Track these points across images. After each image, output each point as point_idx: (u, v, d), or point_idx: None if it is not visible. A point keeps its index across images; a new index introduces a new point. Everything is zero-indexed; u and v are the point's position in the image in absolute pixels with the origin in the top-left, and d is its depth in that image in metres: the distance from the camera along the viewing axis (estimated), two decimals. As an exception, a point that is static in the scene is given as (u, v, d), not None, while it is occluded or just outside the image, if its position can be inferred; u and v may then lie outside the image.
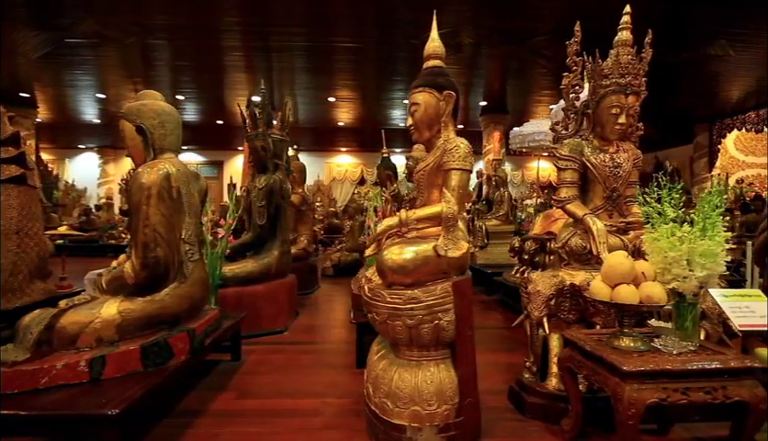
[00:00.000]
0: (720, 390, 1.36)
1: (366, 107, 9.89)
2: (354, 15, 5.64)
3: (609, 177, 2.25)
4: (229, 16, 5.72)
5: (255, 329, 3.10)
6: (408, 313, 1.55)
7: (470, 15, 5.60)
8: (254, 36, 6.37)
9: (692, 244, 1.44)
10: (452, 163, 1.65)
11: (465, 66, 7.47)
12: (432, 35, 1.89)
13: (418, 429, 1.56)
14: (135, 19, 5.30)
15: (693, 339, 1.51)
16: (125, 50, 6.53)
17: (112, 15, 5.09)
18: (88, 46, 6.23)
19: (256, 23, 5.93)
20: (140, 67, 7.52)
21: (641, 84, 2.23)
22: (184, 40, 6.39)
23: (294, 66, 7.69)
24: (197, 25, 5.79)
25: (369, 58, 7.14)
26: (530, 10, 5.41)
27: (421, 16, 5.53)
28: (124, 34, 5.50)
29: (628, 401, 1.32)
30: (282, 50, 6.91)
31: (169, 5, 5.23)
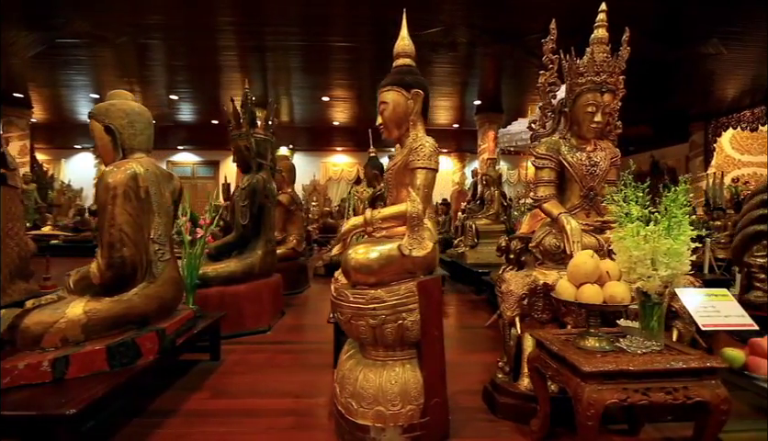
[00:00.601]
0: (681, 390, 1.35)
1: (361, 106, 9.89)
2: (348, 14, 5.64)
3: (586, 176, 2.24)
4: (223, 15, 5.72)
5: (238, 329, 3.10)
6: (371, 313, 1.55)
7: (464, 14, 5.59)
8: (248, 35, 6.37)
9: (655, 243, 1.43)
10: (417, 162, 1.64)
11: (460, 65, 7.45)
12: (401, 33, 1.88)
13: (382, 429, 1.55)
14: (125, 19, 5.31)
15: (658, 339, 1.50)
16: (118, 50, 6.55)
17: (101, 14, 5.09)
18: (81, 46, 6.25)
19: (251, 23, 5.92)
20: (134, 67, 7.53)
21: (617, 82, 2.22)
22: (177, 40, 6.40)
23: (289, 66, 7.69)
24: (191, 24, 5.79)
25: (364, 57, 7.13)
26: (524, 9, 5.39)
27: (415, 16, 5.52)
28: (115, 34, 5.51)
29: (587, 402, 1.31)
30: (277, 49, 6.91)
31: (161, 5, 5.24)
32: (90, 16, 5.10)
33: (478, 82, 8.28)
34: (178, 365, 2.45)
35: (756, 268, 2.11)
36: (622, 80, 2.35)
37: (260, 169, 3.35)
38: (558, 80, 2.28)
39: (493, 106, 8.95)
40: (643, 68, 7.17)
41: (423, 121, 1.83)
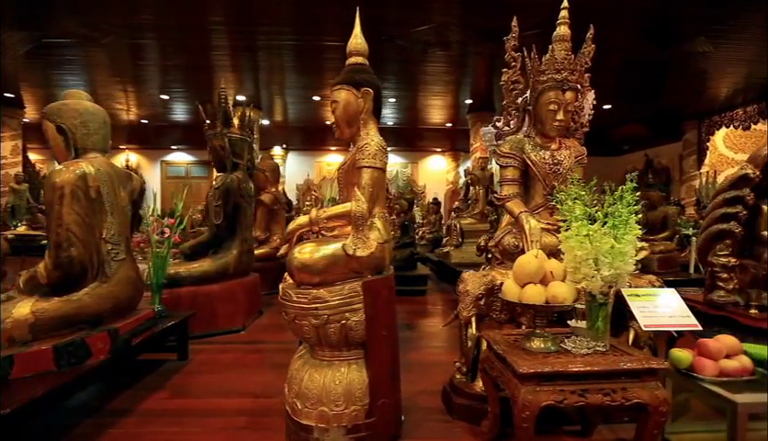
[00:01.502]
0: (620, 391, 1.33)
1: (355, 105, 9.85)
2: (340, 14, 5.62)
3: (549, 174, 2.22)
4: (215, 15, 5.71)
5: (211, 328, 3.10)
6: (313, 313, 1.54)
7: (457, 13, 5.56)
8: (240, 35, 6.36)
9: (597, 243, 1.41)
10: (362, 161, 1.62)
11: (452, 64, 7.42)
12: (354, 31, 1.87)
13: (325, 430, 1.54)
14: (111, 19, 5.31)
15: (603, 339, 1.48)
16: (110, 50, 6.55)
17: (87, 14, 5.10)
18: (71, 46, 6.25)
19: (242, 22, 5.91)
20: (126, 67, 7.54)
21: (580, 80, 2.20)
22: (168, 40, 6.40)
23: (282, 65, 7.67)
24: (183, 24, 5.79)
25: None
26: (516, 8, 5.36)
27: (409, 16, 5.51)
28: (101, 33, 5.52)
29: (522, 404, 1.30)
30: (269, 48, 6.89)
31: (148, 4, 5.24)
32: (76, 16, 5.11)
33: (470, 81, 8.24)
34: (143, 364, 2.45)
35: (719, 268, 2.08)
36: (587, 78, 2.34)
37: (235, 169, 3.34)
38: (521, 78, 2.26)
39: (485, 105, 8.91)
40: (636, 67, 7.13)
41: (376, 120, 1.82)
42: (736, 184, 2.06)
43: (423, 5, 5.46)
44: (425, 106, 9.79)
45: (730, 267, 2.05)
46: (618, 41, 6.24)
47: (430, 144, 11.71)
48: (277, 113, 10.44)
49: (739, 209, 2.02)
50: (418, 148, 11.14)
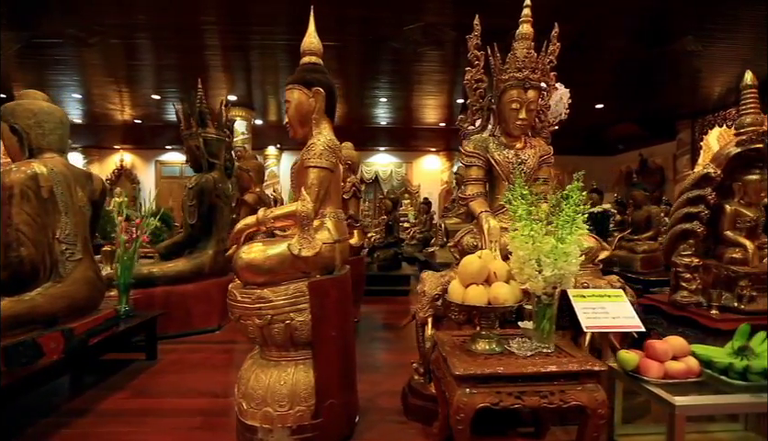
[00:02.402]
0: (558, 394, 1.32)
1: (348, 105, 9.85)
2: (334, 14, 5.61)
3: (512, 174, 2.20)
4: (206, 15, 5.71)
5: (186, 328, 3.10)
6: (257, 313, 1.53)
7: (450, 12, 5.53)
8: (233, 35, 6.35)
9: (538, 243, 1.39)
10: (308, 161, 1.62)
11: (444, 64, 7.40)
12: (308, 31, 1.86)
13: (269, 430, 1.54)
14: (98, 19, 5.33)
15: (548, 341, 1.47)
16: (101, 50, 6.57)
17: (73, 14, 5.11)
18: (62, 46, 6.28)
19: (236, 22, 5.91)
20: (118, 67, 7.56)
21: (543, 78, 2.18)
22: (160, 40, 6.40)
23: (277, 65, 7.65)
24: (175, 24, 5.78)
25: (350, 57, 7.09)
26: (507, 7, 5.33)
27: (401, 16, 5.49)
28: (88, 34, 5.54)
29: (457, 406, 1.28)
30: (263, 48, 6.88)
31: (136, 5, 5.25)
32: (62, 16, 5.13)
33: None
34: (110, 364, 2.46)
35: (682, 268, 2.05)
36: (553, 77, 2.32)
37: (212, 168, 3.34)
38: (484, 77, 2.25)
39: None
40: (629, 66, 7.09)
41: (329, 120, 1.81)
42: (698, 183, 2.03)
43: (415, 5, 5.46)
44: (419, 105, 9.77)
45: (693, 267, 2.03)
46: (611, 40, 6.21)
47: (424, 144, 11.67)
48: (272, 113, 10.45)
49: (701, 208, 2.00)
50: (412, 148, 11.12)
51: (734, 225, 2.01)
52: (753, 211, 1.99)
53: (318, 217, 1.74)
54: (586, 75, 7.64)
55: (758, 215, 1.99)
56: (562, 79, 9.28)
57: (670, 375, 1.44)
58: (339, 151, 1.77)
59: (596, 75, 7.59)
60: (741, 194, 1.99)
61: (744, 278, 1.89)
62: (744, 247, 1.93)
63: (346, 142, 3.28)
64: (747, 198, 1.99)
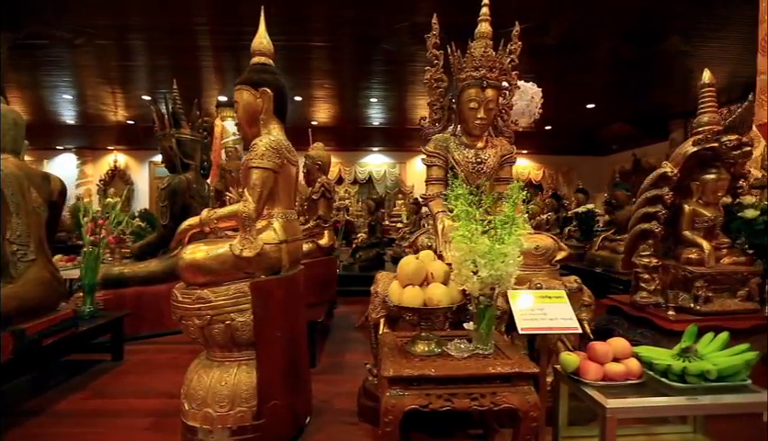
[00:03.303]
0: (489, 396, 1.30)
1: (342, 106, 9.85)
2: (327, 15, 5.60)
3: (472, 174, 2.20)
4: (198, 16, 5.71)
5: (159, 328, 3.10)
6: (196, 313, 1.53)
7: (439, 12, 5.52)
8: (225, 36, 6.35)
9: (473, 244, 1.38)
10: (250, 162, 1.61)
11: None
12: (259, 31, 1.85)
13: (209, 431, 1.53)
14: (85, 20, 5.35)
15: (487, 342, 1.45)
16: (94, 51, 6.59)
17: (58, 15, 5.13)
18: (48, 47, 6.30)
19: (227, 23, 5.91)
20: (110, 68, 7.58)
21: (502, 77, 2.17)
22: (149, 41, 6.41)
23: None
24: (166, 25, 5.79)
25: (344, 57, 7.07)
26: (495, 6, 5.31)
27: (395, 17, 5.48)
28: (73, 35, 5.56)
29: (385, 407, 1.27)
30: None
31: (122, 6, 5.26)
32: (46, 17, 5.15)
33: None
34: (75, 365, 2.46)
35: (641, 268, 2.03)
36: (515, 76, 2.30)
37: (186, 169, 3.35)
38: (444, 76, 2.24)
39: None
40: (620, 66, 7.06)
41: (278, 120, 1.80)
42: (656, 183, 2.02)
43: (409, 5, 5.44)
44: (412, 105, 9.75)
45: (652, 268, 2.01)
46: (602, 40, 6.18)
47: (418, 144, 11.66)
48: (265, 114, 10.47)
49: (659, 208, 1.98)
50: (406, 148, 11.09)
51: (692, 225, 1.99)
52: (711, 211, 1.96)
53: (265, 217, 1.73)
54: (578, 75, 7.61)
55: (716, 215, 1.96)
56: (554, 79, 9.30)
57: (609, 377, 1.42)
58: (288, 151, 1.77)
59: (588, 75, 7.56)
60: (700, 194, 1.97)
61: (700, 279, 1.87)
62: (701, 247, 1.90)
63: (317, 143, 3.27)
64: (705, 198, 1.97)
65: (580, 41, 6.26)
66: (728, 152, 1.86)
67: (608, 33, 6.10)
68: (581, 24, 5.74)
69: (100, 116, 9.40)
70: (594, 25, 5.78)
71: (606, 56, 6.75)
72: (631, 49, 6.35)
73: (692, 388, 1.36)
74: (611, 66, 7.17)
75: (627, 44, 6.26)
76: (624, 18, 5.65)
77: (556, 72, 7.50)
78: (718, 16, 5.34)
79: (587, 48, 6.41)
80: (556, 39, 6.06)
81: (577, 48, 6.40)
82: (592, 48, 6.38)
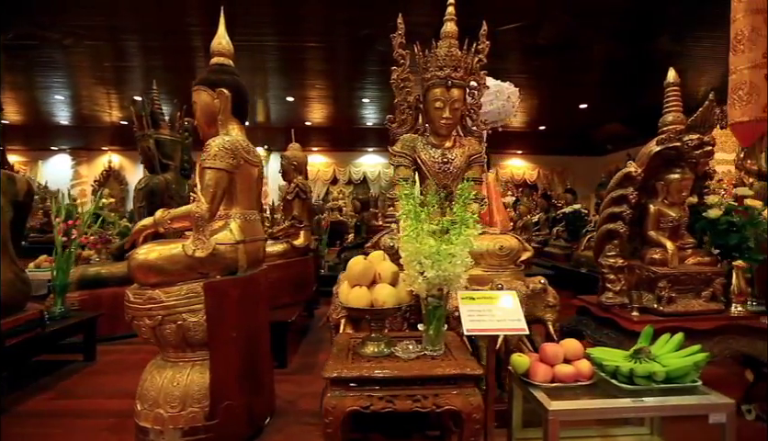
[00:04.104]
0: (432, 398, 1.29)
1: (337, 106, 9.85)
2: (321, 15, 5.59)
3: (439, 174, 2.19)
4: (190, 17, 5.71)
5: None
6: (147, 313, 1.53)
7: (427, 12, 5.50)
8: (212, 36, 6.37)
9: (418, 244, 1.37)
10: (203, 162, 1.61)
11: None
12: (218, 32, 1.86)
13: (160, 432, 1.53)
14: (72, 21, 5.36)
15: (437, 343, 1.44)
16: (89, 52, 6.61)
17: (43, 15, 5.14)
18: (40, 48, 6.32)
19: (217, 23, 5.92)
20: (104, 68, 7.60)
21: (467, 77, 2.15)
22: (144, 42, 6.42)
23: (265, 66, 7.65)
24: (159, 26, 5.80)
25: (339, 57, 7.07)
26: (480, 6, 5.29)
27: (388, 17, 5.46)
28: (61, 35, 5.58)
29: (326, 408, 1.27)
30: (251, 50, 6.88)
31: (109, 6, 5.27)
32: (33, 18, 5.17)
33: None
34: (46, 365, 2.47)
35: (606, 269, 2.02)
36: (483, 75, 2.29)
37: (165, 170, 3.35)
38: (410, 76, 2.23)
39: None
40: (612, 66, 7.04)
41: (237, 121, 1.80)
42: (621, 183, 2.00)
43: (402, 5, 5.43)
44: (404, 106, 9.76)
45: (618, 268, 2.00)
46: (594, 40, 6.17)
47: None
48: (260, 114, 10.48)
49: (624, 208, 1.96)
50: (402, 148, 11.12)
51: (657, 225, 1.97)
52: (676, 211, 1.95)
53: (222, 217, 1.73)
54: (573, 76, 7.59)
55: (680, 215, 1.95)
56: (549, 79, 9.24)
57: (558, 378, 1.41)
58: (247, 152, 1.76)
59: (582, 76, 7.54)
60: (665, 193, 1.95)
61: (663, 279, 1.85)
62: (665, 248, 1.89)
63: (293, 143, 3.27)
64: (670, 198, 1.95)
65: (573, 41, 6.26)
66: (690, 151, 1.84)
67: (601, 33, 6.09)
68: (574, 24, 5.74)
69: (95, 117, 9.43)
70: (588, 25, 5.77)
71: (600, 56, 6.73)
72: (624, 49, 6.34)
73: (640, 389, 1.35)
74: (605, 66, 7.14)
75: (621, 44, 6.25)
76: (617, 18, 5.64)
77: (550, 72, 7.49)
78: (712, 15, 5.32)
79: (580, 48, 6.40)
80: (549, 39, 6.06)
81: (570, 48, 6.39)
82: (586, 48, 6.37)
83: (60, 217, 2.56)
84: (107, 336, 2.86)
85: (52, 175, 9.24)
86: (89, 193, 9.27)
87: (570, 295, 2.74)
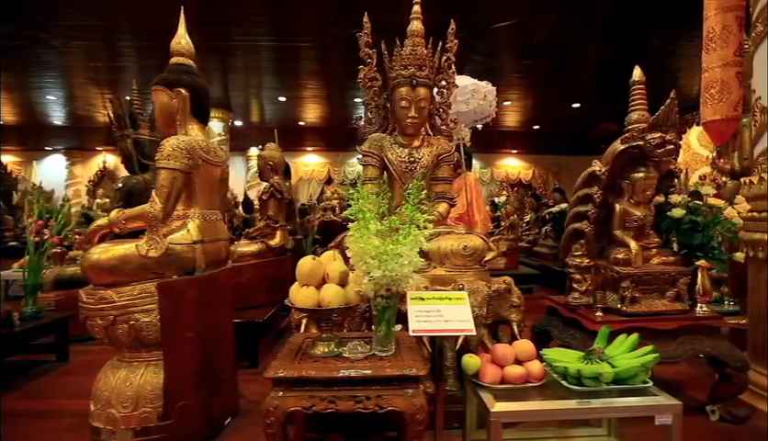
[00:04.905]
0: (374, 398, 1.28)
1: (331, 106, 9.85)
2: (315, 15, 5.59)
3: (405, 173, 2.18)
4: (186, 15, 5.70)
5: (113, 329, 3.11)
6: (99, 313, 1.53)
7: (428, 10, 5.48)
8: (212, 36, 6.35)
9: (362, 244, 1.36)
10: (158, 162, 1.61)
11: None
12: (178, 32, 1.85)
13: (112, 432, 1.53)
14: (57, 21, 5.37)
15: (386, 344, 1.43)
16: (82, 52, 6.63)
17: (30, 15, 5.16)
18: (43, 47, 6.33)
19: (215, 24, 5.91)
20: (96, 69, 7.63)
21: (432, 75, 2.14)
22: (137, 43, 6.43)
23: (258, 66, 7.65)
24: (150, 26, 5.79)
25: (332, 57, 7.06)
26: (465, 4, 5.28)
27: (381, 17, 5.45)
28: (49, 36, 5.60)
29: (266, 409, 1.26)
30: (246, 50, 6.89)
31: (97, 6, 5.28)
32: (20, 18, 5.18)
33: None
34: (18, 365, 2.47)
35: (572, 268, 2.00)
36: (452, 74, 2.28)
37: (145, 170, 3.35)
38: (378, 75, 2.22)
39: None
40: (605, 65, 7.02)
41: (196, 121, 1.79)
42: (587, 182, 1.99)
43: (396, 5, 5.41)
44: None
45: (584, 268, 1.98)
46: (586, 40, 6.16)
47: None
48: (254, 114, 10.49)
49: (589, 207, 1.95)
50: (397, 148, 11.12)
51: (623, 224, 1.95)
52: (641, 210, 1.93)
53: (180, 217, 1.73)
54: (566, 75, 7.56)
55: (646, 214, 1.93)
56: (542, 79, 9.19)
57: (507, 380, 1.40)
58: (206, 152, 1.75)
59: (575, 75, 7.52)
60: (630, 192, 1.93)
61: (626, 279, 1.83)
62: (629, 247, 1.87)
63: (270, 143, 3.27)
64: (636, 197, 1.93)
65: (566, 41, 6.24)
66: (652, 150, 1.83)
67: (594, 33, 6.07)
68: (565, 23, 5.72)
69: (89, 117, 9.46)
70: (580, 25, 5.75)
71: (592, 55, 6.71)
72: (617, 48, 6.32)
73: (589, 391, 1.34)
74: (597, 66, 7.12)
75: (614, 43, 6.23)
76: (609, 18, 5.62)
77: (543, 71, 7.46)
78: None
79: (573, 47, 6.38)
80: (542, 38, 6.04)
81: (563, 47, 6.38)
82: (578, 47, 6.35)
83: (33, 217, 2.56)
84: (81, 336, 2.85)
85: (47, 175, 9.27)
86: (84, 193, 9.29)
87: (557, 294, 2.72)
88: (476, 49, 6.53)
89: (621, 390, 1.36)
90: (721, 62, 2.27)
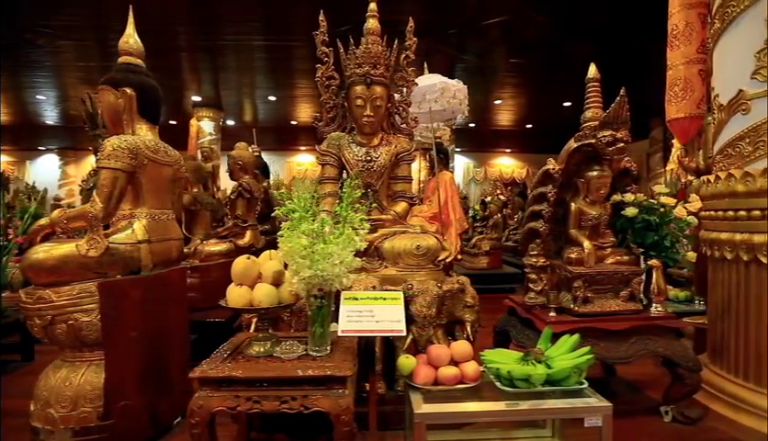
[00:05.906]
0: (300, 399, 1.28)
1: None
2: (309, 15, 5.57)
3: (362, 172, 2.17)
4: (179, 16, 5.70)
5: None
6: (37, 313, 1.53)
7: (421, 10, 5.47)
8: (205, 36, 6.36)
9: (290, 244, 1.35)
10: (99, 162, 1.61)
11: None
12: (126, 31, 1.85)
13: (50, 432, 1.53)
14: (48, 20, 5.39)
15: (321, 343, 1.43)
16: (75, 52, 6.65)
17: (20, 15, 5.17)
18: (37, 47, 6.35)
19: (208, 23, 5.91)
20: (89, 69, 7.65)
21: (386, 73, 2.12)
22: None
23: (252, 66, 7.65)
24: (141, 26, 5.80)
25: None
26: (448, 3, 5.25)
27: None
28: (34, 35, 5.62)
29: (191, 409, 1.26)
30: (238, 49, 6.89)
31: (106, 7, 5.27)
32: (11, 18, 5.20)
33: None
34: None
35: (528, 268, 1.98)
36: (411, 72, 2.27)
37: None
38: (335, 73, 2.20)
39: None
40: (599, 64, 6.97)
41: (145, 120, 1.79)
42: (542, 180, 1.97)
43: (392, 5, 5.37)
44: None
45: (539, 267, 1.96)
46: (578, 38, 6.12)
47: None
48: (247, 114, 10.50)
49: (544, 206, 1.93)
50: (391, 147, 11.10)
51: (578, 223, 1.93)
52: (596, 209, 1.91)
53: (126, 217, 1.73)
54: (557, 74, 7.52)
55: (601, 213, 1.91)
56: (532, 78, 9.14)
57: (440, 381, 1.39)
58: (153, 151, 1.75)
59: (567, 74, 7.47)
60: (585, 191, 1.91)
61: (578, 279, 1.81)
62: (582, 246, 1.85)
63: (240, 143, 3.26)
64: (590, 196, 1.91)
65: (555, 40, 6.20)
66: (604, 148, 1.81)
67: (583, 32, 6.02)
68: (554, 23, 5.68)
69: (82, 116, 9.49)
70: (571, 23, 5.71)
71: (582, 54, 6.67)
72: (608, 47, 6.27)
73: (521, 392, 1.33)
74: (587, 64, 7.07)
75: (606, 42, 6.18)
76: (600, 17, 5.57)
77: (533, 70, 7.42)
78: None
79: (564, 46, 6.34)
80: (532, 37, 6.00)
81: (552, 47, 6.34)
82: (570, 46, 6.31)
83: (4, 220, 2.57)
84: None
85: (40, 175, 9.33)
86: (77, 193, 9.34)
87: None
88: (467, 48, 6.52)
89: (553, 392, 1.35)
90: (685, 60, 2.24)
